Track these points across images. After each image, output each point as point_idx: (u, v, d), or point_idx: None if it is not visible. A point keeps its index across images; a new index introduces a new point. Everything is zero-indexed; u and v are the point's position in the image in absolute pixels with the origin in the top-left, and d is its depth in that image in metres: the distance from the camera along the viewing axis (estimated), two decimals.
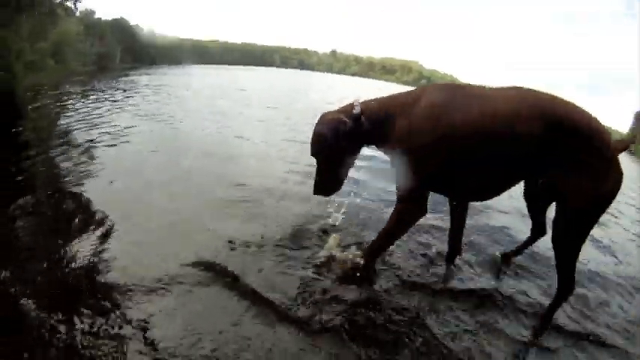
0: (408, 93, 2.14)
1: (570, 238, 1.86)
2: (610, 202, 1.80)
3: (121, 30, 36.91)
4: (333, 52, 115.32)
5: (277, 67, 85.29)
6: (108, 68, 30.34)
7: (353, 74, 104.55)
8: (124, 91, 12.00)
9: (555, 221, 1.92)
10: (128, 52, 38.43)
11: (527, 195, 2.34)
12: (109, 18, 38.03)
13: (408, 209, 2.08)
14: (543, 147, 1.75)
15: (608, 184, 1.76)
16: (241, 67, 54.07)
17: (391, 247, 2.47)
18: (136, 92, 11.56)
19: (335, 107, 2.29)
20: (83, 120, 6.54)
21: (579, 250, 1.88)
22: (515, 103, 1.79)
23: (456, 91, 1.93)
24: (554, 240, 1.93)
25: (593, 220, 1.83)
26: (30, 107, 7.80)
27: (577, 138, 1.72)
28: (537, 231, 2.49)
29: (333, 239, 2.68)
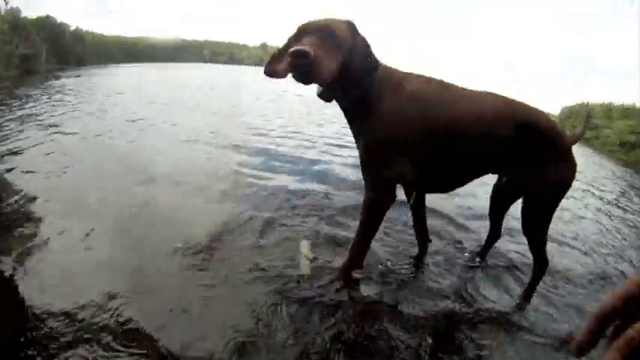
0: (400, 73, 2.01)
1: (538, 223, 2.11)
2: (568, 188, 2.07)
3: (46, 29, 33.46)
4: (264, 45, 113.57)
5: (207, 62, 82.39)
6: (33, 71, 27.49)
7: None
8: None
9: (523, 211, 2.13)
10: (54, 52, 35.02)
11: (494, 194, 2.45)
12: (34, 16, 34.44)
13: (380, 197, 1.96)
14: (513, 144, 1.95)
15: (566, 172, 2.03)
16: (169, 64, 51.53)
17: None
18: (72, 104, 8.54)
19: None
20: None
21: (546, 232, 2.14)
22: (493, 105, 1.95)
23: (442, 85, 2.01)
24: (524, 227, 2.14)
25: (555, 204, 2.08)
26: None
27: (541, 137, 1.95)
28: (494, 234, 2.64)
29: (304, 246, 2.45)
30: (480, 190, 3.77)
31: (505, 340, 1.96)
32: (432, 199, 2.67)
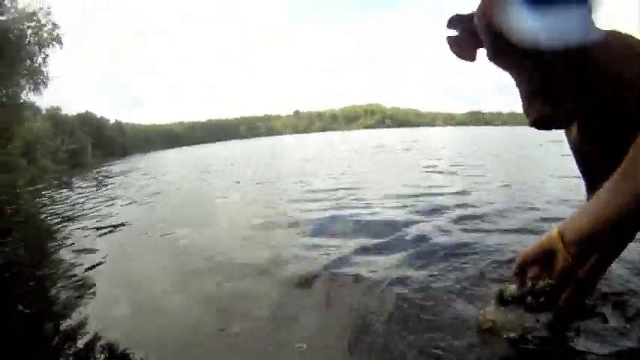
0: None
1: None
2: None
3: (88, 124, 36.50)
4: (296, 112, 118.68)
5: (243, 138, 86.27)
6: (80, 164, 29.44)
7: (319, 130, 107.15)
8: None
9: None
10: (98, 145, 37.75)
11: None
12: (74, 113, 37.77)
13: None
14: None
15: None
16: (208, 144, 54.35)
17: None
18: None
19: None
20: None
21: None
22: None
23: None
24: None
25: None
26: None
27: None
28: None
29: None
30: None
31: None
32: None
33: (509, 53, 0.93)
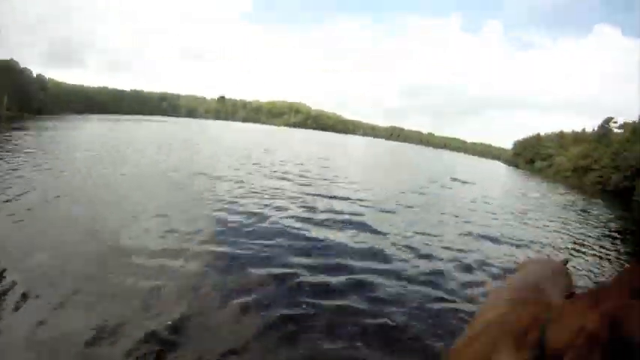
0: None
1: None
2: None
3: (8, 73, 32.50)
4: (222, 98, 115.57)
5: (166, 115, 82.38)
6: None
7: (242, 120, 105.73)
8: None
9: None
10: (15, 98, 33.86)
11: None
12: None
13: None
14: None
15: None
16: (130, 116, 51.12)
17: None
18: None
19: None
20: None
21: None
22: None
23: None
24: None
25: None
26: None
27: None
28: None
29: None
30: None
31: None
32: None
33: None
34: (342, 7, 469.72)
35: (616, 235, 8.42)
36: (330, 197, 7.29)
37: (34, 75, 38.01)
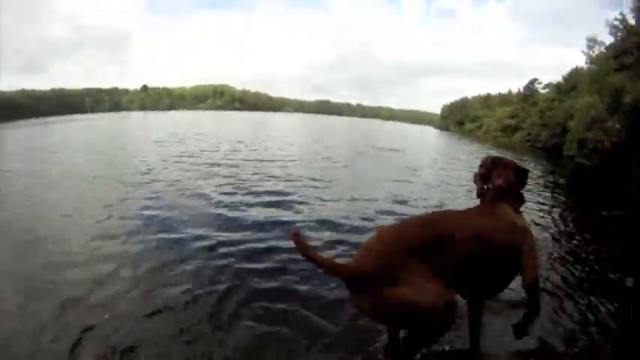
0: None
1: None
2: None
3: None
4: (145, 88, 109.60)
5: (89, 112, 76.71)
6: None
7: (168, 108, 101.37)
8: None
9: None
10: None
11: None
12: None
13: None
14: None
15: None
16: (53, 118, 46.29)
17: None
18: None
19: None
20: None
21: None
22: None
23: None
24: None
25: None
26: None
27: None
28: None
29: None
30: None
31: None
32: None
33: None
34: None
35: (552, 187, 9.84)
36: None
37: None
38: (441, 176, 9.69)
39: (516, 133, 41.35)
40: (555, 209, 6.93)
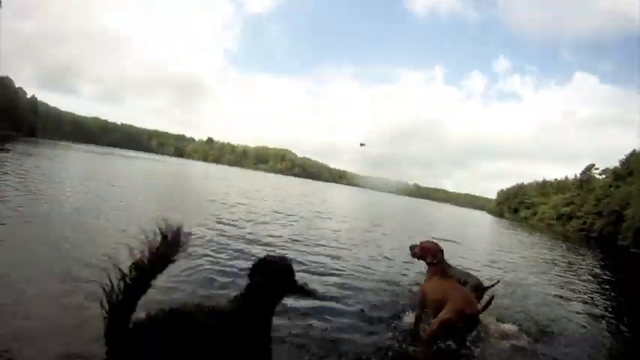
0: None
1: None
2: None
3: (2, 91, 32.15)
4: (210, 140, 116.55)
5: (154, 152, 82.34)
6: None
7: (228, 163, 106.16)
8: None
9: None
10: (6, 117, 33.50)
11: None
12: None
13: None
14: None
15: None
16: (119, 150, 50.10)
17: None
18: None
19: None
20: None
21: None
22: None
23: None
24: None
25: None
26: None
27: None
28: None
29: None
30: None
31: None
32: None
33: None
34: (327, 56, 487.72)
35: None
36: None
37: (28, 96, 37.90)
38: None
39: (571, 222, 38.72)
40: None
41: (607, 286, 7.93)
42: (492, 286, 3.74)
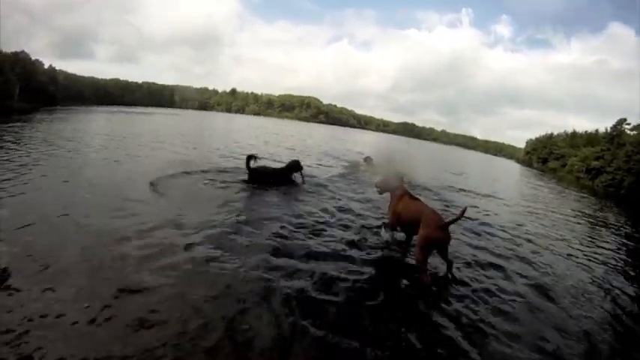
0: None
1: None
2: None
3: (21, 65, 32.76)
4: (233, 91, 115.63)
5: (177, 107, 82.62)
6: (5, 107, 26.31)
7: (253, 113, 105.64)
8: None
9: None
10: (27, 89, 34.14)
11: None
12: (9, 51, 33.72)
13: None
14: None
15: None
16: (141, 108, 50.42)
17: None
18: None
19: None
20: None
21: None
22: None
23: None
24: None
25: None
26: None
27: None
28: None
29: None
30: None
31: None
32: None
33: None
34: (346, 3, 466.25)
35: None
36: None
37: (45, 67, 38.36)
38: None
39: (600, 177, 37.13)
40: None
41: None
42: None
